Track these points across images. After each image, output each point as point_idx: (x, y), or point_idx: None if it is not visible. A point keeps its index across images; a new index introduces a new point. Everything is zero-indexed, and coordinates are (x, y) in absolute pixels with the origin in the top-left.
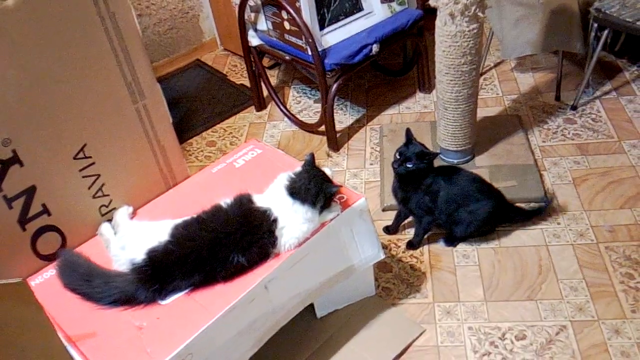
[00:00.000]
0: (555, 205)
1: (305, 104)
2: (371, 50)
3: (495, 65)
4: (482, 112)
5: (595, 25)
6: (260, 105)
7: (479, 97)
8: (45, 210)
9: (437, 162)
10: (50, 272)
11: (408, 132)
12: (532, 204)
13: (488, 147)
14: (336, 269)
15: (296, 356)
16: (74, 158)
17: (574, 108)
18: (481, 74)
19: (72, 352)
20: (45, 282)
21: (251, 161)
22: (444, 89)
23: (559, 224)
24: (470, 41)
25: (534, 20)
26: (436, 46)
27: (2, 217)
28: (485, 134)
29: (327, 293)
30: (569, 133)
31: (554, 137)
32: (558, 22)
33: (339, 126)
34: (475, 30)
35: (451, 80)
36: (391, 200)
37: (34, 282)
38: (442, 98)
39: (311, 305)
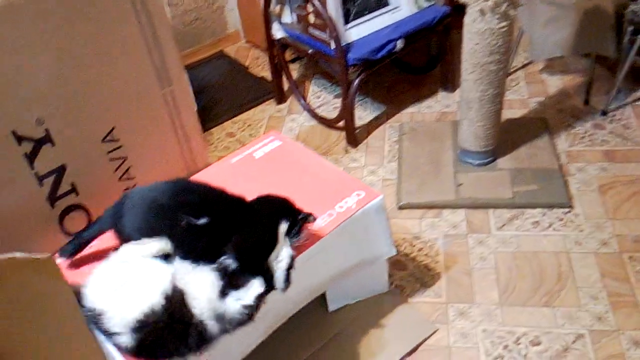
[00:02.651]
0: (579, 212)
1: (325, 99)
2: (395, 46)
3: (523, 66)
4: (506, 114)
5: (630, 28)
6: (281, 99)
7: (504, 98)
8: (74, 190)
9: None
10: None
11: None
12: None
13: (511, 149)
14: (348, 263)
15: (306, 348)
16: (103, 140)
17: (604, 113)
18: (507, 75)
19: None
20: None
21: (271, 153)
22: (469, 87)
23: (581, 231)
24: (499, 39)
25: (565, 21)
26: (463, 43)
27: (33, 194)
28: (508, 136)
29: (340, 287)
30: (597, 139)
31: (581, 142)
32: (591, 24)
33: (358, 122)
34: (505, 29)
35: (477, 79)
36: (408, 199)
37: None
38: (467, 97)
39: (323, 299)
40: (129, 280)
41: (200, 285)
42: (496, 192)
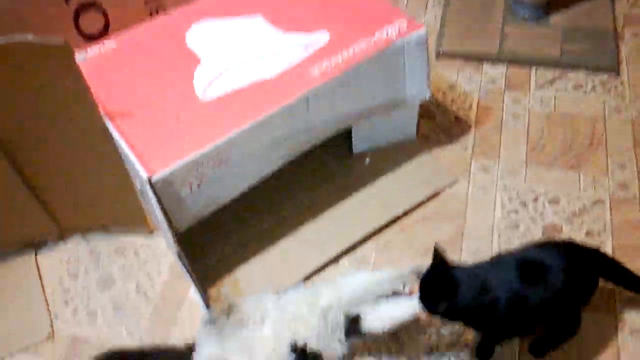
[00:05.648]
0: (625, 78)
1: None
2: None
3: None
4: None
5: None
6: None
7: None
8: None
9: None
10: (94, 51)
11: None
12: None
13: (566, 5)
14: (379, 100)
15: (325, 186)
16: None
17: None
18: None
19: (110, 125)
20: (88, 59)
21: None
22: None
23: (623, 99)
24: None
25: None
26: None
27: None
28: None
29: (367, 129)
30: None
31: None
32: None
33: None
34: None
35: None
36: (448, 46)
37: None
38: None
39: (348, 140)
40: None
41: None
42: (543, 48)
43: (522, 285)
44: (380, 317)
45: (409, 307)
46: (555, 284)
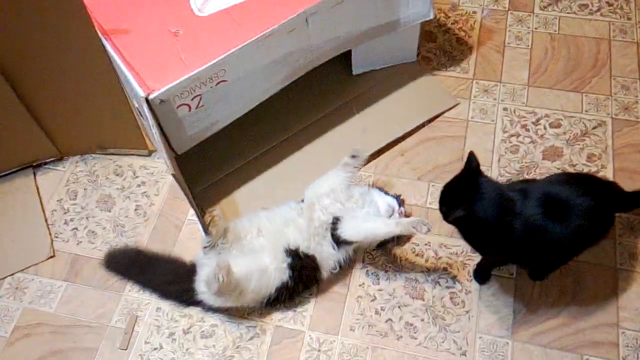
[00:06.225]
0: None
1: None
2: None
3: None
4: None
5: None
6: None
7: None
8: None
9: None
10: None
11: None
12: None
13: None
14: (381, 20)
15: (326, 105)
16: None
17: None
18: None
19: (106, 44)
20: None
21: None
22: None
23: (629, 19)
24: None
25: None
26: None
27: None
28: None
29: (367, 51)
30: None
31: None
32: None
33: None
34: None
35: None
36: None
37: None
38: None
39: (348, 62)
40: None
41: None
42: None
43: (544, 219)
44: (357, 228)
45: (383, 226)
46: (576, 225)
